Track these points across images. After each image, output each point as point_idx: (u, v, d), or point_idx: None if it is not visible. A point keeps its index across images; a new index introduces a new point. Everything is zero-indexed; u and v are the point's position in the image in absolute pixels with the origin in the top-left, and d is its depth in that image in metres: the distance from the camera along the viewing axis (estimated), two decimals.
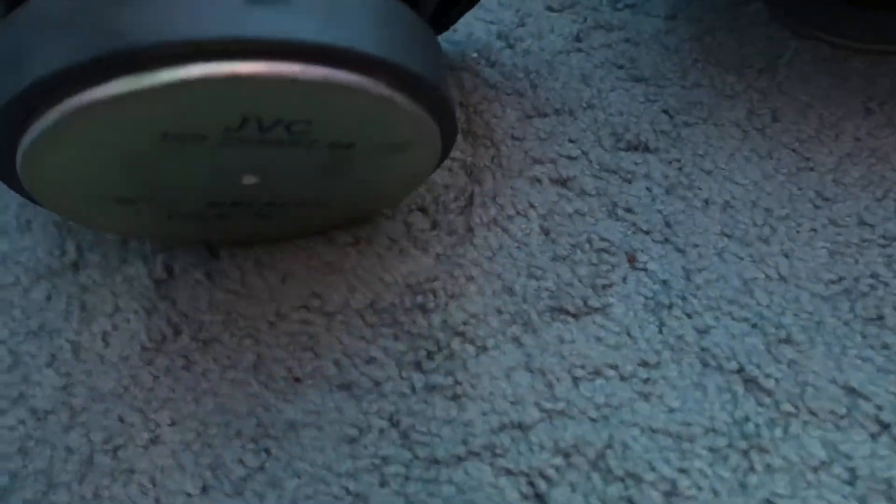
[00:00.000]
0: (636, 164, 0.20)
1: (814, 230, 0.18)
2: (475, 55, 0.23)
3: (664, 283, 0.17)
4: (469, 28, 0.24)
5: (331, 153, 0.14)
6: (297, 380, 0.16)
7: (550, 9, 0.24)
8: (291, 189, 0.15)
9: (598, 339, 0.16)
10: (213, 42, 0.11)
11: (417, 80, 0.13)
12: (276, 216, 0.16)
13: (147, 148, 0.13)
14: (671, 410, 0.15)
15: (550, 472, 0.15)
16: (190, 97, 0.12)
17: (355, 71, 0.12)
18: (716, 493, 0.14)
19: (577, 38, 0.23)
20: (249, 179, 0.14)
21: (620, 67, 0.22)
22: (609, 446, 0.15)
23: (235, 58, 0.12)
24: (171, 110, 0.12)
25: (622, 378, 0.16)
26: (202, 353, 0.17)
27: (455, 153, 0.20)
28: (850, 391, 0.16)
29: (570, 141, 0.20)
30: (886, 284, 0.17)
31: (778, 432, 0.15)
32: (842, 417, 0.15)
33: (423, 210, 0.19)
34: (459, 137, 0.21)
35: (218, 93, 0.12)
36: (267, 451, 0.15)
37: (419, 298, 0.17)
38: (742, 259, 0.18)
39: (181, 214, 0.15)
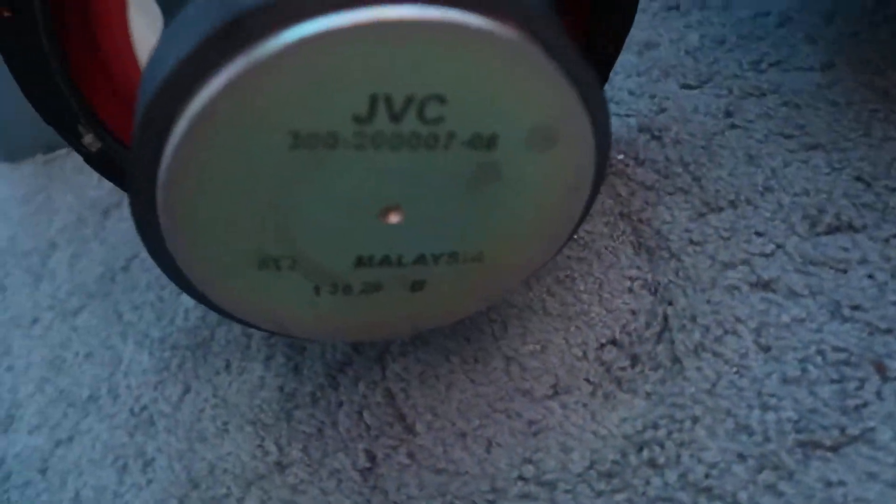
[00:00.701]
0: (845, 249, 0.17)
1: None
2: (620, 157, 0.21)
3: None
4: None
5: (473, 157, 0.13)
6: None
7: (688, 87, 0.22)
8: (438, 226, 0.14)
9: (873, 476, 0.14)
10: None
11: (551, 34, 0.12)
12: (429, 284, 0.15)
13: (279, 158, 0.12)
14: None
15: None
16: (308, 69, 0.11)
17: (479, 11, 0.11)
18: None
19: (729, 114, 0.21)
20: (394, 217, 0.13)
21: (789, 137, 0.20)
22: None
23: (347, 5, 0.11)
24: (292, 89, 0.11)
25: None
26: None
27: (632, 271, 0.19)
28: None
29: (758, 234, 0.18)
30: None
31: None
32: None
33: (615, 343, 0.18)
34: (631, 251, 0.19)
35: (338, 59, 0.11)
36: None
37: (644, 452, 0.16)
38: None
39: (328, 284, 0.14)
